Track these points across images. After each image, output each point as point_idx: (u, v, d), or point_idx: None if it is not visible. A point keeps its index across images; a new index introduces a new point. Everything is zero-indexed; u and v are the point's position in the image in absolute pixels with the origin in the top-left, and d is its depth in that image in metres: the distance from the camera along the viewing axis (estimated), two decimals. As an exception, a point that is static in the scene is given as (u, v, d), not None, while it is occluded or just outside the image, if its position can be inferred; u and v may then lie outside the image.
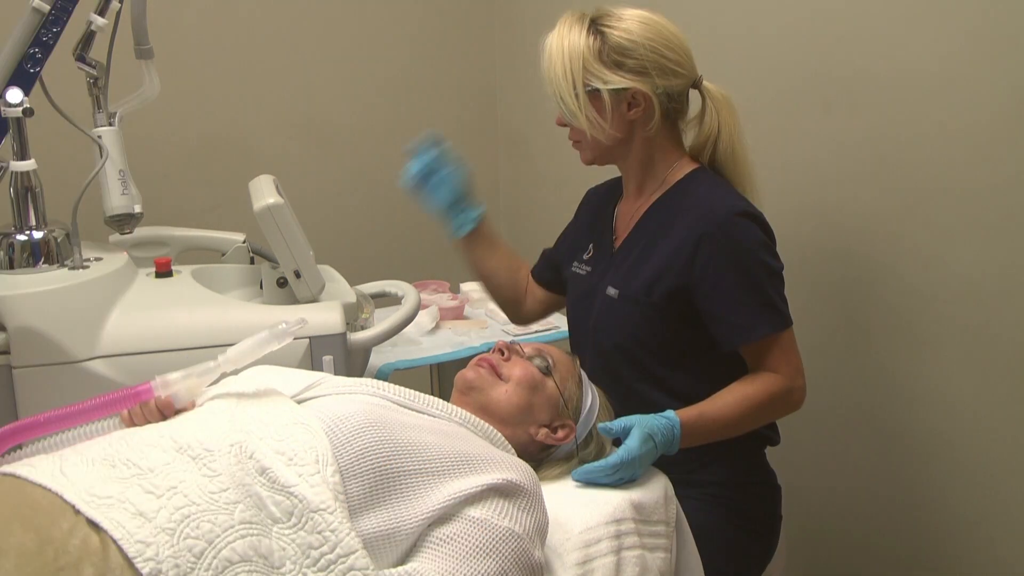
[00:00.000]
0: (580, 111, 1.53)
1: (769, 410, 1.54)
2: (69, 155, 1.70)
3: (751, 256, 1.51)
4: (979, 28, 1.62)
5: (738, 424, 1.51)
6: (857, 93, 1.83)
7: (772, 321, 1.52)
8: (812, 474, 2.05)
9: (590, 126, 1.55)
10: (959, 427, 1.76)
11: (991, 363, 1.69)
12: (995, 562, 1.74)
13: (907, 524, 1.89)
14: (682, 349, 1.57)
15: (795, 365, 1.54)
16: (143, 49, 1.67)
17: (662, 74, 1.53)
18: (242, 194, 1.72)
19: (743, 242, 1.51)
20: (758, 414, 1.53)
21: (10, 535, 0.94)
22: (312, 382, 1.26)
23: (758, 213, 1.55)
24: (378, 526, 1.06)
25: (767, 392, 1.51)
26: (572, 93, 1.52)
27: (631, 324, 1.58)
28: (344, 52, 2.79)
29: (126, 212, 1.68)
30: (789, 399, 1.54)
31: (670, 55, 1.54)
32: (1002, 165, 1.61)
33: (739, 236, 1.51)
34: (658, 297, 1.54)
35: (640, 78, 1.52)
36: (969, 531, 1.78)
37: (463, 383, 1.38)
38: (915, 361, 1.82)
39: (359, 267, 2.20)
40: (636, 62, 1.52)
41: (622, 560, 1.29)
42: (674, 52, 1.55)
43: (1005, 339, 1.66)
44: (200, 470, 1.04)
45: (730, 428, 1.51)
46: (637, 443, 1.38)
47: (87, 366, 1.52)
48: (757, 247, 1.52)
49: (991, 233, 1.65)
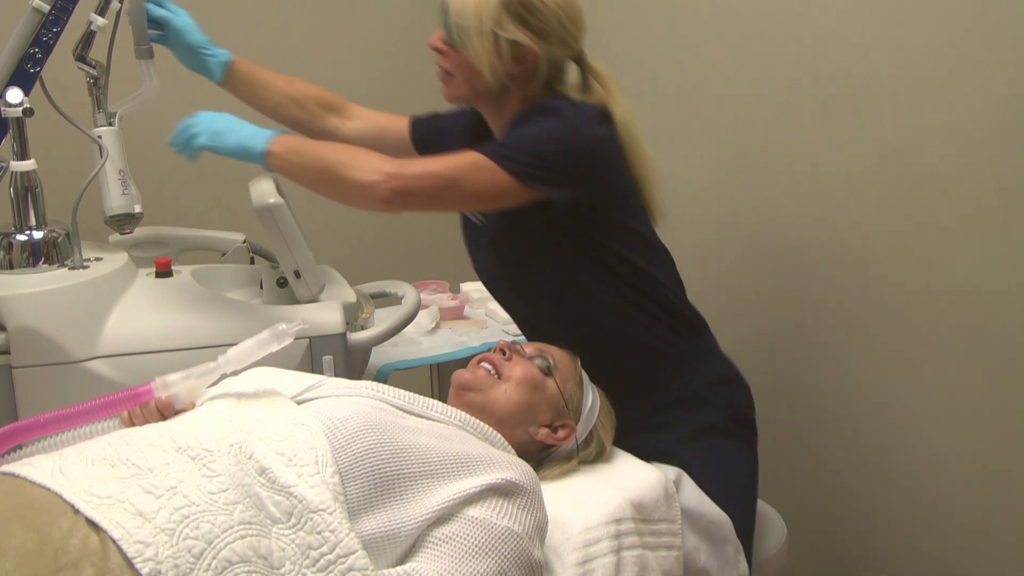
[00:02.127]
0: (481, 47, 1.52)
1: (355, 167, 1.46)
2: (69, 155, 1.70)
3: (542, 112, 1.50)
4: (979, 28, 1.61)
5: (326, 157, 1.48)
6: (857, 93, 1.83)
7: (498, 151, 1.47)
8: (811, 474, 2.05)
9: (486, 65, 1.53)
10: (959, 427, 1.76)
11: (991, 363, 1.69)
12: (996, 563, 1.74)
13: (907, 524, 1.89)
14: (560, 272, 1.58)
15: (441, 172, 1.46)
16: (142, 49, 1.67)
17: (558, 42, 1.54)
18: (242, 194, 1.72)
19: (544, 106, 1.51)
20: (348, 160, 1.47)
21: (10, 535, 0.94)
22: (312, 384, 1.26)
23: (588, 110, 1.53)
24: (378, 528, 1.06)
25: (373, 154, 1.47)
26: (478, 28, 1.51)
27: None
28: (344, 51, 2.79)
29: (126, 212, 1.68)
30: (377, 179, 1.43)
31: (570, 26, 1.55)
32: (1002, 165, 1.61)
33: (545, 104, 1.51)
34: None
35: (538, 39, 1.52)
36: (970, 530, 1.78)
37: (460, 384, 1.38)
38: (915, 361, 1.82)
39: (359, 267, 2.20)
40: (540, 24, 1.52)
41: (622, 560, 1.30)
42: (574, 25, 1.55)
43: (1005, 339, 1.66)
44: (200, 470, 1.04)
45: (319, 158, 1.49)
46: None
47: (87, 366, 1.51)
48: (552, 114, 1.49)
49: (991, 233, 1.65)
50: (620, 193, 1.56)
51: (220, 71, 1.73)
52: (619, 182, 1.56)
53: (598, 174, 1.51)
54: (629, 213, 1.59)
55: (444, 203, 1.54)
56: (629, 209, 1.59)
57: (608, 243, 1.56)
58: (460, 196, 1.49)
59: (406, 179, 1.44)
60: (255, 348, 1.24)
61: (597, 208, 1.53)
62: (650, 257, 1.61)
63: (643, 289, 1.59)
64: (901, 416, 1.86)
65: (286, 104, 1.81)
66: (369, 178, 1.43)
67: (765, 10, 2.00)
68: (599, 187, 1.52)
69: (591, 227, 1.54)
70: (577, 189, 1.49)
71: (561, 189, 1.48)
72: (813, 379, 2.03)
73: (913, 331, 1.81)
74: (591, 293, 1.58)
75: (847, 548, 2.02)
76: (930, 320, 1.77)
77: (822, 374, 2.00)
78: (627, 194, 1.58)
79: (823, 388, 2.01)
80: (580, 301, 1.59)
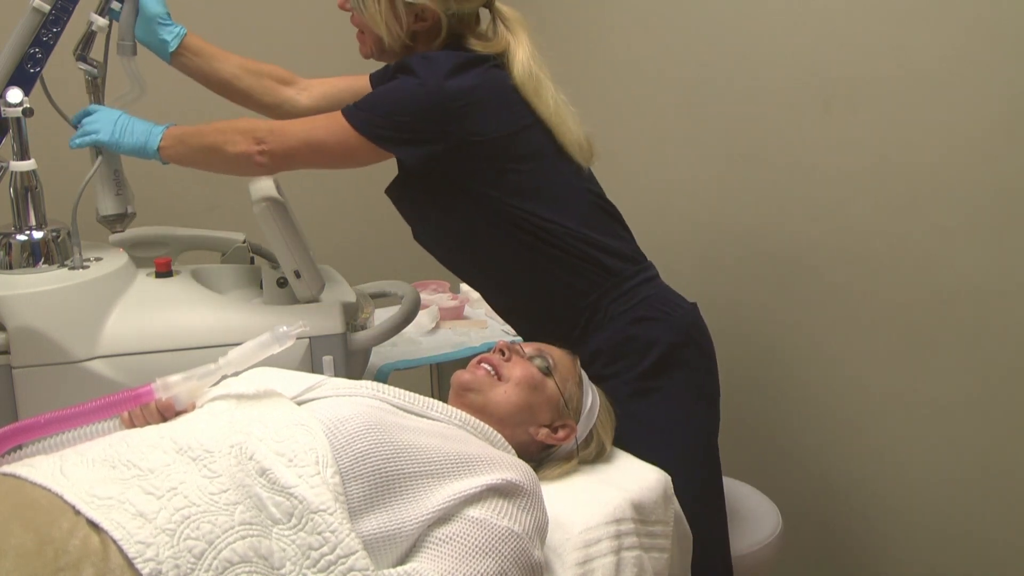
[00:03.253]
0: (376, 10, 1.55)
1: (229, 142, 1.54)
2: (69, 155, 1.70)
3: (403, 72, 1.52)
4: (979, 28, 1.62)
5: (205, 138, 1.56)
6: (857, 93, 1.83)
7: (355, 113, 1.52)
8: (811, 474, 2.05)
9: (383, 27, 1.56)
10: (958, 426, 1.76)
11: (991, 363, 1.69)
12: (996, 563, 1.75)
13: (903, 519, 1.89)
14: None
15: (301, 136, 1.53)
16: (125, 45, 1.69)
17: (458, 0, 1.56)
18: (242, 194, 1.72)
19: (401, 64, 1.53)
20: (224, 137, 1.55)
21: (10, 535, 0.94)
22: (312, 384, 1.26)
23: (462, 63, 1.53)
24: (378, 528, 1.06)
25: (248, 122, 1.55)
26: None
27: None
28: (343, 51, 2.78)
29: (118, 213, 1.70)
30: (249, 149, 1.53)
31: None
32: (1002, 165, 1.62)
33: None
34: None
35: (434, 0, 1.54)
36: (971, 530, 1.78)
37: (459, 385, 1.38)
38: (915, 361, 1.82)
39: (359, 267, 2.20)
40: None
41: (622, 560, 1.30)
42: None
43: (1005, 339, 1.66)
44: (200, 471, 1.04)
45: (201, 140, 1.57)
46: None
47: (87, 366, 1.51)
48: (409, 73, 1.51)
49: (991, 233, 1.65)
50: (490, 141, 1.54)
51: (176, 42, 1.73)
52: (486, 130, 1.53)
53: (452, 128, 1.51)
54: (510, 160, 1.56)
55: (313, 163, 1.59)
56: (510, 156, 1.57)
57: (490, 192, 1.56)
58: (325, 157, 1.56)
59: (273, 144, 1.53)
60: (256, 350, 1.24)
61: (464, 159, 1.53)
62: (546, 202, 1.58)
63: (538, 235, 1.57)
64: (900, 414, 1.87)
65: (241, 75, 1.81)
66: (242, 149, 1.53)
67: (765, 10, 2.00)
68: (456, 140, 1.52)
69: (466, 177, 1.56)
70: (429, 146, 1.52)
71: (411, 147, 1.52)
72: (813, 377, 2.03)
73: (913, 330, 1.81)
74: (488, 242, 1.60)
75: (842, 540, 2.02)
76: (930, 319, 1.77)
77: (822, 373, 2.01)
78: (504, 142, 1.55)
79: (823, 386, 2.01)
80: (484, 251, 1.62)
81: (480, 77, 1.54)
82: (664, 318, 1.60)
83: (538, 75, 1.59)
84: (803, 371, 2.05)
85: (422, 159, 1.53)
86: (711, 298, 1.86)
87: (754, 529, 1.78)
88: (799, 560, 2.07)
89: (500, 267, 1.64)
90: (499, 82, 1.56)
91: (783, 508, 1.85)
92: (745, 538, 1.76)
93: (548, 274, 1.59)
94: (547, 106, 1.59)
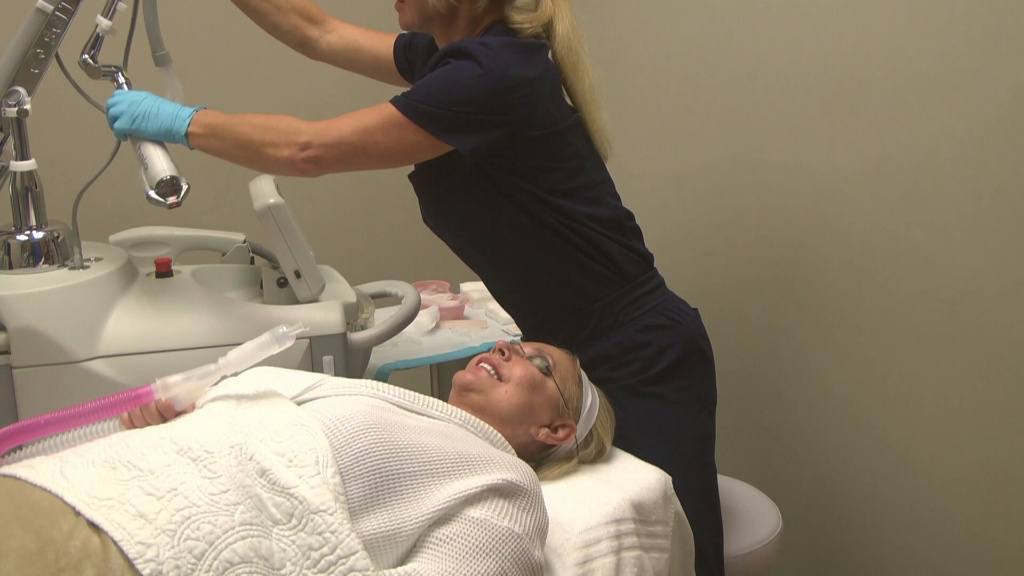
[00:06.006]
0: None
1: (269, 144, 1.46)
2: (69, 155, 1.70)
3: (458, 55, 1.47)
4: (979, 28, 1.62)
5: (243, 136, 1.48)
6: (857, 93, 1.83)
7: (409, 104, 1.44)
8: (810, 474, 2.05)
9: None
10: (958, 425, 1.76)
11: (990, 362, 1.69)
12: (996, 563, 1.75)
13: (902, 519, 1.89)
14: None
15: (349, 139, 1.45)
16: (159, 56, 1.67)
17: None
18: (242, 194, 1.72)
19: (459, 48, 1.47)
20: (263, 137, 1.47)
21: (10, 536, 0.94)
22: (312, 383, 1.26)
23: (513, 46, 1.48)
24: (378, 527, 1.06)
25: (289, 123, 1.46)
26: None
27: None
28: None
29: (173, 175, 1.50)
30: (292, 154, 1.45)
31: None
32: (1002, 165, 1.62)
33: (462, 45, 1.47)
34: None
35: None
36: (971, 530, 1.78)
37: (461, 385, 1.38)
38: (914, 361, 1.82)
39: (359, 267, 2.20)
40: None
41: (622, 560, 1.30)
42: None
43: (1005, 339, 1.66)
44: (200, 472, 1.04)
45: (237, 138, 1.48)
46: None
47: (87, 366, 1.51)
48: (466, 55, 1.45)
49: (991, 233, 1.65)
50: (541, 137, 1.51)
51: None
52: (542, 123, 1.50)
53: (511, 118, 1.47)
54: (553, 159, 1.54)
55: (360, 166, 1.52)
56: (553, 154, 1.54)
57: (527, 186, 1.52)
58: (374, 158, 1.48)
59: (319, 149, 1.45)
60: (255, 350, 1.24)
61: (512, 152, 1.50)
62: (579, 203, 1.56)
63: (564, 235, 1.55)
64: (901, 414, 1.87)
65: (268, 11, 1.79)
66: (284, 154, 1.45)
67: (765, 10, 2.00)
68: (512, 131, 1.48)
69: (507, 171, 1.51)
70: (485, 135, 1.46)
71: (470, 136, 1.45)
72: (813, 377, 2.03)
73: (912, 330, 1.81)
74: (510, 237, 1.56)
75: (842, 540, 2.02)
76: (929, 319, 1.77)
77: (822, 372, 2.01)
78: (553, 139, 1.53)
79: (823, 386, 2.01)
80: (503, 245, 1.58)
81: (541, 67, 1.50)
82: (673, 326, 1.60)
83: (578, 50, 1.56)
84: (803, 371, 2.05)
85: (479, 150, 1.46)
86: (711, 297, 1.87)
87: (754, 529, 1.78)
88: (799, 560, 2.08)
89: (516, 263, 1.60)
90: (554, 74, 1.54)
91: (783, 508, 1.86)
92: (745, 538, 1.76)
93: (564, 275, 1.58)
94: (583, 84, 1.57)
